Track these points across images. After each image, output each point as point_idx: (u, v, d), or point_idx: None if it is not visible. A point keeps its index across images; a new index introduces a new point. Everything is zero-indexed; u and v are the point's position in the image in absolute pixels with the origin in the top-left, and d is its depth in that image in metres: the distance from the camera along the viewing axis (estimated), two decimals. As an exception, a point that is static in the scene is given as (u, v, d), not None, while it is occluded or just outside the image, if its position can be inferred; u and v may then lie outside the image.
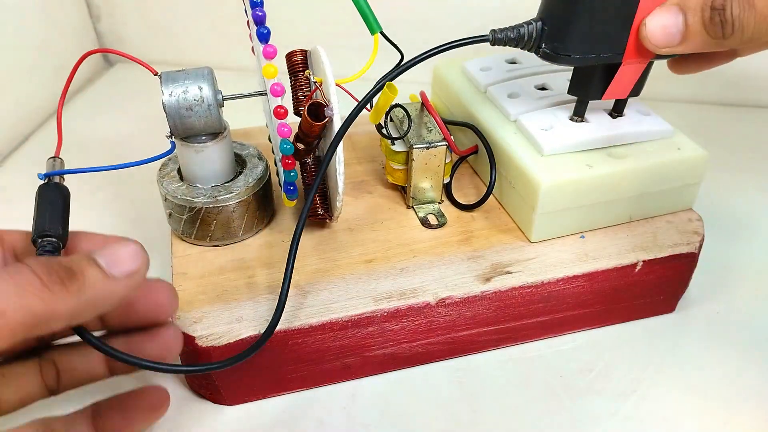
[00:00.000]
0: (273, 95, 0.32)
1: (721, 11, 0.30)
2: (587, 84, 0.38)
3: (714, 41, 0.31)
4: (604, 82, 0.37)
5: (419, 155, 0.40)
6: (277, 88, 0.32)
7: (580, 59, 0.35)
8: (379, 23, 0.38)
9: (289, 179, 0.35)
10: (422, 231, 0.41)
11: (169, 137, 0.37)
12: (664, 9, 0.32)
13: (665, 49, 0.33)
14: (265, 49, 0.32)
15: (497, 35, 0.36)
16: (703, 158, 0.40)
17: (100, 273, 0.26)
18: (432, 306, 0.36)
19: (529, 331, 0.40)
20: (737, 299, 0.44)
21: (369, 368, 0.38)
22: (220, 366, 0.31)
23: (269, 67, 0.31)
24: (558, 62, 0.36)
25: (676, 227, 0.41)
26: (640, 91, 0.39)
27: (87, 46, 0.71)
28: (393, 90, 0.36)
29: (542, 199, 0.38)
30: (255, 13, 0.32)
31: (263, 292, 0.36)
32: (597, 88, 0.38)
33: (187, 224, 0.38)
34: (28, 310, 0.24)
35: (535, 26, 0.35)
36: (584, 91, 0.39)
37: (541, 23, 0.35)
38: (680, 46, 0.32)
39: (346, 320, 0.35)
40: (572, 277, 0.38)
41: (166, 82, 0.35)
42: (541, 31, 0.35)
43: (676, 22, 0.32)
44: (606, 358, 0.40)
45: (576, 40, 0.35)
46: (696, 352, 0.40)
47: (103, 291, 0.27)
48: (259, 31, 0.31)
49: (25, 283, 0.24)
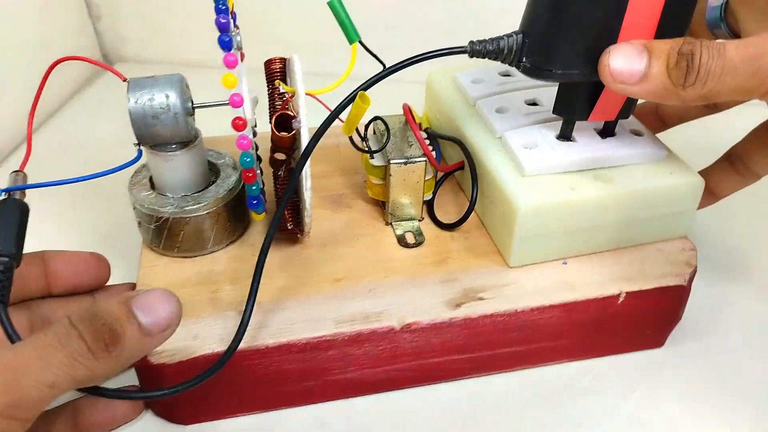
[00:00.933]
0: (232, 106, 0.31)
1: (689, 56, 0.29)
2: (572, 104, 0.36)
3: (672, 89, 0.30)
4: (590, 102, 0.35)
5: (397, 171, 0.39)
6: (236, 99, 0.31)
7: (562, 75, 0.33)
8: (357, 32, 0.36)
9: (250, 192, 0.34)
10: (398, 249, 0.39)
11: (137, 145, 0.36)
12: (629, 45, 0.30)
13: (620, 86, 0.31)
14: (226, 57, 0.30)
15: (475, 47, 0.34)
16: (697, 185, 0.38)
17: (139, 331, 0.27)
18: (396, 331, 0.35)
19: (504, 360, 0.38)
20: (734, 334, 0.41)
21: (332, 393, 0.37)
22: (164, 394, 0.30)
23: (228, 77, 0.30)
24: (539, 77, 0.34)
25: (667, 257, 0.38)
26: (631, 113, 0.37)
27: (87, 46, 0.71)
28: (365, 100, 0.34)
29: (520, 222, 0.36)
30: (218, 20, 0.31)
31: (225, 309, 0.35)
32: (583, 108, 0.36)
33: (155, 234, 0.38)
34: (73, 379, 0.26)
35: (516, 39, 0.33)
36: (569, 111, 0.37)
37: (522, 36, 0.33)
38: (636, 87, 0.30)
39: (304, 343, 0.34)
40: (549, 306, 0.36)
41: (132, 88, 0.34)
42: (522, 44, 0.33)
43: (639, 60, 0.30)
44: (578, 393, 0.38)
45: (558, 55, 0.33)
46: (682, 392, 0.38)
47: (139, 350, 0.28)
48: (221, 39, 0.30)
49: (75, 353, 0.26)
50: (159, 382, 0.34)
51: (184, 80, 0.36)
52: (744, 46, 0.29)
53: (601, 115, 0.36)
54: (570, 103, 0.36)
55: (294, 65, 0.35)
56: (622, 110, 0.36)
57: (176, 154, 0.36)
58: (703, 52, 0.29)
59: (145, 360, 0.33)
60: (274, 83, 0.38)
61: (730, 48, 0.29)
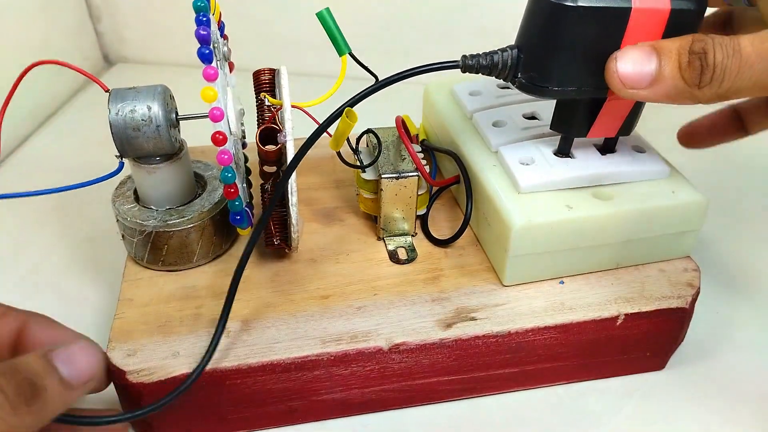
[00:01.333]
0: (212, 120, 0.30)
1: (702, 55, 0.27)
2: (571, 120, 0.35)
3: (687, 90, 0.28)
4: (589, 118, 0.34)
5: (388, 185, 0.37)
6: (216, 113, 0.30)
7: (559, 92, 0.32)
8: (348, 44, 0.35)
9: (233, 209, 0.33)
10: (389, 266, 0.38)
11: (118, 157, 0.35)
12: (637, 48, 0.29)
13: (631, 91, 0.29)
14: (205, 70, 0.29)
15: (468, 61, 0.32)
16: (701, 205, 0.36)
17: (60, 385, 0.26)
18: (384, 352, 0.33)
19: (497, 382, 0.37)
20: (738, 357, 0.40)
21: (318, 413, 0.35)
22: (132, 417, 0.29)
23: (208, 90, 0.29)
24: (535, 94, 0.32)
25: (669, 277, 0.37)
26: (632, 130, 0.35)
27: (87, 46, 0.71)
28: (352, 117, 0.33)
29: (514, 241, 0.34)
30: (198, 32, 0.30)
31: (207, 326, 0.34)
32: (582, 124, 0.34)
33: (139, 247, 0.37)
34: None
35: (511, 54, 0.32)
36: (567, 127, 0.35)
37: (518, 51, 0.32)
38: (649, 90, 0.29)
39: (288, 362, 0.33)
40: (544, 327, 0.35)
41: (113, 99, 0.33)
42: (517, 59, 0.32)
43: (649, 62, 0.29)
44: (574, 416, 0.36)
45: (555, 71, 0.31)
46: (683, 417, 0.36)
47: (61, 403, 0.26)
48: (200, 51, 0.29)
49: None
50: (137, 402, 0.32)
51: (168, 91, 0.35)
52: (760, 42, 0.27)
53: (601, 132, 0.35)
54: (568, 119, 0.35)
55: (282, 78, 0.34)
56: (623, 127, 0.35)
57: (160, 167, 0.35)
58: (717, 50, 0.27)
59: (123, 379, 0.32)
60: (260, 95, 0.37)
61: (746, 44, 0.27)
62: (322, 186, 0.45)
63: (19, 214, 0.50)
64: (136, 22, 0.71)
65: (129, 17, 0.70)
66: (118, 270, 0.41)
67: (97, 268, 0.45)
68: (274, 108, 0.35)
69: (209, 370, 0.32)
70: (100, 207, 0.49)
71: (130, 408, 0.33)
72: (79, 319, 0.41)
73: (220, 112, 0.30)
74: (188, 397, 0.32)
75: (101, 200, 0.48)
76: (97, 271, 0.45)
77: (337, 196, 0.44)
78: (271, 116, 0.35)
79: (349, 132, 0.34)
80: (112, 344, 0.33)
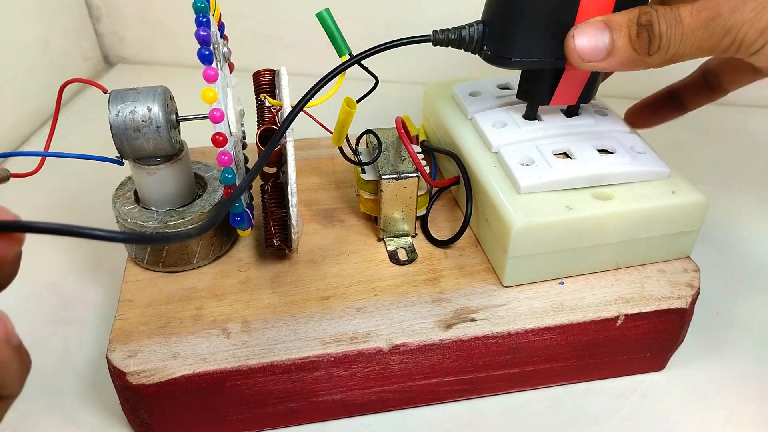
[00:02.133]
0: (212, 121, 0.30)
1: (648, 26, 0.31)
2: (534, 88, 0.38)
3: (639, 58, 0.32)
4: (551, 86, 0.37)
5: (388, 186, 0.37)
6: (216, 114, 0.30)
7: (521, 63, 0.35)
8: (348, 45, 0.35)
9: (233, 210, 0.33)
10: (389, 267, 0.38)
11: (119, 158, 0.35)
12: (590, 24, 0.32)
13: (590, 64, 0.33)
14: (205, 71, 0.29)
15: (438, 36, 0.35)
16: (701, 205, 0.36)
17: None
18: (385, 353, 0.33)
19: (497, 383, 0.37)
20: (738, 358, 0.40)
21: (318, 414, 0.35)
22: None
23: (208, 92, 0.29)
24: (500, 65, 0.35)
25: (668, 278, 0.37)
26: (591, 98, 0.39)
27: (87, 46, 0.71)
28: (352, 105, 0.33)
29: (514, 242, 0.34)
30: (198, 33, 0.30)
31: (207, 327, 0.34)
32: (544, 92, 0.37)
33: (139, 249, 0.37)
34: None
35: (477, 28, 0.35)
36: (531, 95, 0.38)
37: (483, 25, 0.35)
38: (605, 62, 0.32)
39: (288, 363, 0.33)
40: (543, 328, 0.35)
41: (113, 101, 0.33)
42: (483, 33, 0.35)
43: (602, 37, 0.32)
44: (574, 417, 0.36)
45: (517, 44, 0.34)
46: (683, 417, 0.36)
47: None
48: (200, 52, 0.29)
49: None
50: (138, 403, 0.32)
51: (168, 92, 0.35)
52: (698, 11, 0.30)
53: (563, 99, 0.38)
54: (532, 88, 0.38)
55: (282, 78, 0.34)
56: (582, 94, 0.38)
57: (160, 168, 0.35)
58: (661, 21, 0.30)
59: (124, 380, 0.32)
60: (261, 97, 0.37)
61: (685, 14, 0.30)
62: (322, 187, 0.45)
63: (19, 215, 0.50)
64: (136, 22, 0.71)
65: (129, 17, 0.71)
66: (118, 271, 0.41)
67: (98, 269, 0.45)
68: (275, 109, 0.35)
69: (210, 371, 0.32)
70: (100, 208, 0.49)
71: (132, 410, 0.34)
72: (80, 320, 0.42)
73: (220, 114, 0.30)
74: (189, 399, 0.33)
75: (101, 201, 0.48)
76: (97, 272, 0.45)
77: (336, 197, 0.44)
78: (271, 117, 0.35)
79: (350, 122, 0.34)
80: (112, 345, 0.33)
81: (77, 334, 0.41)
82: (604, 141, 0.38)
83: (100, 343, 0.40)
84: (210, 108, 0.30)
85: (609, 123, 0.38)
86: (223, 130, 0.30)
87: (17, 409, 0.36)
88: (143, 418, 0.33)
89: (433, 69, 0.65)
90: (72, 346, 0.40)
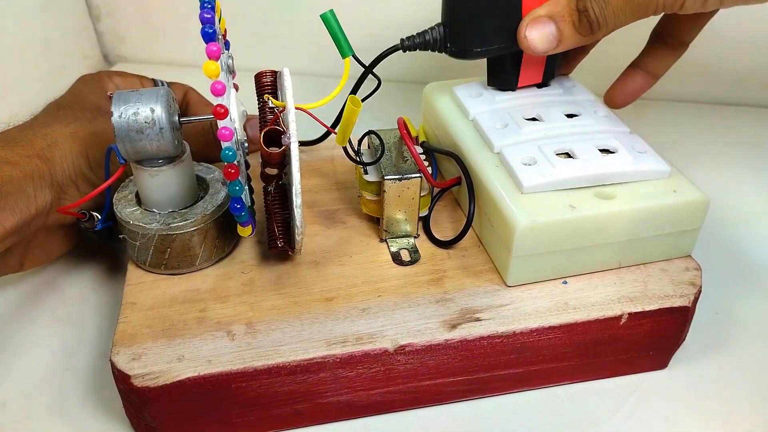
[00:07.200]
0: (213, 94, 0.30)
1: (585, 12, 0.35)
2: (501, 74, 0.41)
3: (585, 38, 0.36)
4: (515, 70, 0.41)
5: (391, 186, 0.37)
6: (218, 87, 0.30)
7: (482, 52, 0.39)
8: (351, 47, 0.36)
9: (234, 193, 0.33)
10: (392, 267, 0.38)
11: (121, 160, 0.35)
12: (538, 21, 0.36)
13: (545, 52, 0.37)
14: (208, 47, 0.29)
15: (405, 43, 0.39)
16: (702, 203, 0.36)
17: None
18: (390, 353, 0.33)
19: (501, 382, 0.37)
20: (740, 356, 0.40)
21: (324, 416, 0.35)
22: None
23: (210, 65, 0.29)
24: (464, 58, 0.39)
25: (670, 276, 0.37)
26: (555, 75, 0.42)
27: (87, 46, 0.70)
28: (357, 103, 0.33)
29: (518, 242, 0.34)
30: (202, 15, 0.30)
31: (211, 329, 0.34)
32: (511, 76, 0.41)
33: (141, 251, 0.36)
34: None
35: (438, 30, 0.39)
36: (500, 81, 0.42)
37: (443, 26, 0.39)
38: (558, 48, 0.37)
39: (294, 365, 0.33)
40: (548, 327, 0.35)
41: (116, 102, 0.33)
42: (444, 33, 0.39)
43: (551, 30, 0.36)
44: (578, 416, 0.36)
45: (474, 37, 0.38)
46: (686, 415, 0.36)
47: None
48: (203, 31, 0.30)
49: None
50: (142, 406, 0.32)
51: (171, 94, 0.35)
52: None
53: (529, 80, 0.42)
54: (498, 73, 0.42)
55: (284, 79, 0.34)
56: (545, 73, 0.42)
57: (162, 170, 0.35)
58: (594, 5, 0.35)
59: (128, 383, 0.32)
60: (264, 98, 0.37)
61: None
62: (323, 188, 0.44)
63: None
64: (136, 22, 0.71)
65: (129, 17, 0.70)
66: (120, 274, 0.40)
67: (99, 271, 0.45)
68: (277, 110, 0.35)
69: (215, 373, 0.32)
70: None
71: (136, 413, 0.33)
72: (83, 322, 0.41)
73: (222, 86, 0.30)
74: (194, 401, 0.32)
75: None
76: (99, 274, 0.45)
77: (338, 198, 0.44)
78: (274, 118, 0.35)
79: (354, 120, 0.34)
80: (116, 348, 0.33)
81: (77, 335, 0.40)
82: (605, 141, 0.38)
83: (101, 344, 0.40)
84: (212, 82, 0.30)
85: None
86: (224, 103, 0.30)
87: (17, 411, 0.36)
88: (148, 421, 0.33)
89: (430, 69, 0.66)
90: (72, 347, 0.40)
